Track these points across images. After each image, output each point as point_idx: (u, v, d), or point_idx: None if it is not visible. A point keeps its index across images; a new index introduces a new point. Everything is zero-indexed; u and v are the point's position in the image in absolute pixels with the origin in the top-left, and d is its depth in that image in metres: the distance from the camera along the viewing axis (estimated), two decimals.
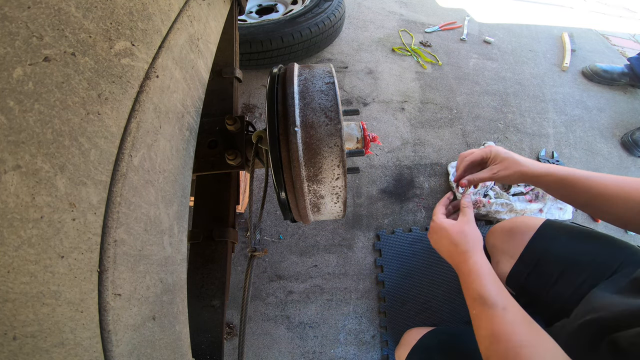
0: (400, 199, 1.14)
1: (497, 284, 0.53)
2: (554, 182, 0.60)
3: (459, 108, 1.40)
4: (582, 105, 1.47)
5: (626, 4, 2.34)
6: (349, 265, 1.02)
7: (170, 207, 0.40)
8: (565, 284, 0.66)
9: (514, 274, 0.77)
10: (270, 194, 1.08)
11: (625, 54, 1.78)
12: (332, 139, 0.44)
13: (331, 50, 1.54)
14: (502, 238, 0.86)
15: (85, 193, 0.26)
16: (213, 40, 0.59)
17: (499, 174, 0.64)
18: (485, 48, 1.68)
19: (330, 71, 0.50)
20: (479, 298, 0.51)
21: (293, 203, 0.49)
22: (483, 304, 0.50)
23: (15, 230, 0.21)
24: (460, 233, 0.60)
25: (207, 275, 0.58)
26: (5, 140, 0.21)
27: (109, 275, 0.28)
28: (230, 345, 0.89)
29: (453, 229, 0.61)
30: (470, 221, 0.62)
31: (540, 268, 0.71)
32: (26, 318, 0.22)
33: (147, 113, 0.35)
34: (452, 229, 0.61)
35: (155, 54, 0.38)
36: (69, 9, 0.26)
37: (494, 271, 0.83)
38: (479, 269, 0.55)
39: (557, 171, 0.60)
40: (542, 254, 0.71)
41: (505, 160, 0.64)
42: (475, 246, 0.58)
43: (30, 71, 0.23)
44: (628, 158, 1.32)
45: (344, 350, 0.90)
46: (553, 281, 0.68)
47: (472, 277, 0.54)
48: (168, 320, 0.38)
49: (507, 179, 0.64)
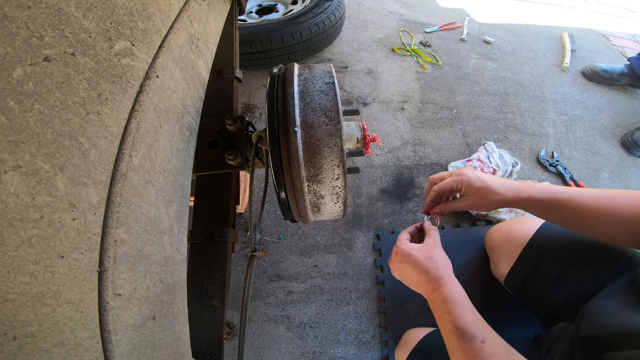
0: (400, 199, 1.14)
1: (473, 312, 0.50)
2: (530, 206, 0.58)
3: (459, 108, 1.40)
4: (582, 105, 1.47)
5: (626, 4, 2.34)
6: (349, 265, 1.02)
7: (170, 207, 0.40)
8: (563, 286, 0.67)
9: (512, 275, 0.77)
10: (270, 194, 1.08)
11: (625, 54, 1.78)
12: (332, 139, 0.44)
13: (331, 50, 1.54)
14: (501, 240, 0.87)
15: (85, 193, 0.26)
16: (213, 40, 0.59)
17: (474, 205, 0.60)
18: (485, 48, 1.68)
19: (330, 71, 0.50)
20: (456, 330, 0.48)
21: (293, 203, 0.49)
22: (460, 336, 0.47)
23: (15, 230, 0.21)
24: (429, 259, 0.55)
25: (207, 275, 0.58)
26: (5, 140, 0.21)
27: (109, 275, 0.28)
28: (230, 345, 0.89)
29: (420, 254, 0.56)
30: (437, 244, 0.58)
31: (538, 270, 0.71)
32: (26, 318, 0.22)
33: (147, 113, 0.35)
34: (419, 255, 0.56)
35: (155, 54, 0.38)
36: (69, 9, 0.26)
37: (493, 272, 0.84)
38: (454, 298, 0.51)
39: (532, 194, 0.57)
40: (540, 256, 0.71)
41: (478, 190, 0.58)
42: (446, 271, 0.54)
43: (30, 71, 0.23)
44: (628, 158, 1.32)
45: (344, 350, 0.90)
46: (551, 283, 0.68)
47: (447, 307, 0.50)
48: (168, 320, 0.38)
49: (483, 208, 0.60)
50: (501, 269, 0.82)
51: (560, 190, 0.56)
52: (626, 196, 0.51)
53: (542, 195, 0.56)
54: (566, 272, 0.66)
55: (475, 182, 0.58)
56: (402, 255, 0.58)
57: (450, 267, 0.56)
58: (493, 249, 0.90)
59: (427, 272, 0.54)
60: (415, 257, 0.56)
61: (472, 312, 0.50)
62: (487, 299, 0.93)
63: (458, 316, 0.49)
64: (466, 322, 0.48)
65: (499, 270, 0.83)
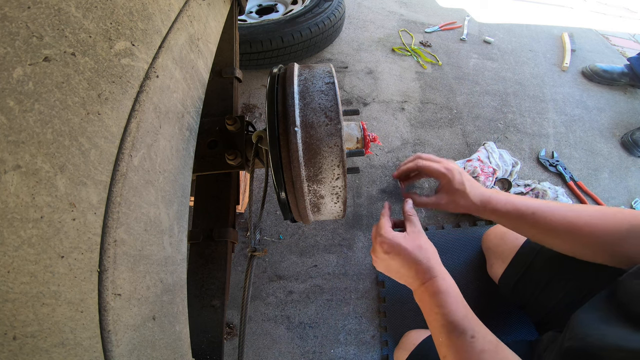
0: (400, 199, 1.14)
1: (464, 305, 0.48)
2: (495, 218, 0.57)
3: (459, 108, 1.40)
4: (582, 105, 1.47)
5: (626, 4, 2.34)
6: (349, 265, 1.02)
7: (170, 207, 0.40)
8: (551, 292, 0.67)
9: (505, 277, 0.78)
10: (270, 194, 1.08)
11: (625, 54, 1.78)
12: (332, 139, 0.44)
13: (331, 50, 1.54)
14: (496, 242, 0.87)
15: (85, 193, 0.26)
16: (213, 40, 0.59)
17: (445, 206, 0.59)
18: (485, 48, 1.68)
19: (330, 71, 0.50)
20: (447, 324, 0.46)
21: (293, 203, 0.49)
22: (451, 331, 0.46)
23: (15, 230, 0.21)
24: (418, 247, 0.51)
25: (207, 275, 0.58)
26: (5, 140, 0.21)
27: (109, 275, 0.28)
28: (230, 345, 0.89)
29: (409, 243, 0.52)
30: (422, 232, 0.54)
31: (529, 274, 0.72)
32: (26, 318, 0.22)
33: (147, 113, 0.35)
34: (408, 244, 0.51)
35: (155, 54, 0.38)
36: (69, 9, 0.26)
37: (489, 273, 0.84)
38: (447, 290, 0.48)
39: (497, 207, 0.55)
40: (532, 260, 0.72)
41: (456, 192, 0.57)
42: (436, 261, 0.51)
43: (30, 71, 0.23)
44: (628, 158, 1.32)
45: (344, 350, 0.90)
46: (541, 288, 0.68)
47: (438, 300, 0.48)
48: (168, 320, 0.38)
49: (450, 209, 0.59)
50: (496, 270, 0.82)
51: (525, 204, 0.54)
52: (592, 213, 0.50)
53: (506, 209, 0.55)
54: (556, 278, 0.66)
55: (456, 184, 0.57)
56: (389, 245, 0.52)
57: (437, 255, 0.53)
58: (489, 250, 0.90)
59: (417, 262, 0.50)
60: (404, 247, 0.51)
61: (463, 305, 0.48)
62: (486, 299, 0.93)
63: (449, 310, 0.47)
64: (457, 316, 0.46)
65: (494, 271, 0.84)
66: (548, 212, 0.52)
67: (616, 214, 0.49)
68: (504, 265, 0.78)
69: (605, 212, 0.50)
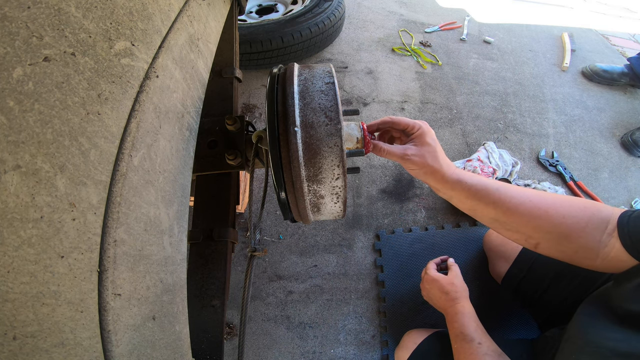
0: (400, 199, 1.14)
1: (477, 323, 0.64)
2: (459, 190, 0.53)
3: (458, 108, 1.40)
4: (582, 105, 1.47)
5: (626, 4, 2.34)
6: (349, 265, 1.02)
7: (170, 207, 0.40)
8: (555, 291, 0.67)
9: (509, 277, 0.78)
10: (270, 194, 1.08)
11: (625, 54, 1.78)
12: (332, 139, 0.44)
13: (331, 50, 1.54)
14: (498, 242, 0.87)
15: (85, 193, 0.26)
16: (213, 40, 0.59)
17: (410, 158, 0.53)
18: (485, 48, 1.68)
19: (330, 71, 0.50)
20: (460, 334, 0.62)
21: (293, 203, 0.49)
22: (463, 339, 0.61)
23: (15, 230, 0.21)
24: (450, 284, 0.73)
25: (207, 275, 0.58)
26: (5, 140, 0.21)
27: (109, 275, 0.28)
28: (230, 345, 0.89)
29: (444, 280, 0.74)
30: (457, 275, 0.76)
31: (533, 273, 0.72)
32: (26, 318, 0.22)
33: (147, 113, 0.35)
34: (443, 281, 0.74)
35: (155, 54, 0.38)
36: (69, 9, 0.26)
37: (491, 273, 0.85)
38: (464, 311, 0.67)
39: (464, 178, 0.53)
40: (536, 260, 0.72)
41: (427, 146, 0.53)
42: (462, 295, 0.71)
43: (30, 71, 0.23)
44: (628, 158, 1.32)
45: (344, 350, 0.90)
46: (545, 287, 0.69)
47: (457, 318, 0.66)
48: (168, 320, 0.38)
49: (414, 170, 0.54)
50: (499, 270, 0.82)
51: (492, 182, 0.53)
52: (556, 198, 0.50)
53: (473, 182, 0.53)
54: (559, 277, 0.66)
55: (427, 137, 0.54)
56: (430, 280, 0.77)
57: (467, 292, 0.73)
58: (491, 251, 0.90)
59: (447, 293, 0.72)
60: (441, 283, 0.74)
61: (476, 322, 0.64)
62: (486, 298, 0.93)
63: (463, 324, 0.64)
64: (469, 329, 0.62)
65: (497, 272, 0.84)
66: (513, 190, 0.51)
67: (579, 202, 0.49)
68: (507, 265, 0.78)
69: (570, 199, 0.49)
